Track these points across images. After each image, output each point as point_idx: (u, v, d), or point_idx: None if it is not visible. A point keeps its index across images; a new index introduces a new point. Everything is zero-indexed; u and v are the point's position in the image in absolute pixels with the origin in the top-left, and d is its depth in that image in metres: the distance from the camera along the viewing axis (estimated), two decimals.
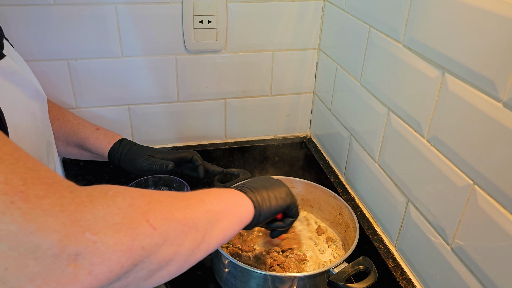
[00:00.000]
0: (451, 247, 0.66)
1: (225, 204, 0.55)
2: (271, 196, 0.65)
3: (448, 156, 0.65)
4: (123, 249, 0.36)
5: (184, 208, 0.46)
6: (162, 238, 0.41)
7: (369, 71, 0.87)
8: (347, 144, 1.01)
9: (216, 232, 0.51)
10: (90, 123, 0.91)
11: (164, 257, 0.41)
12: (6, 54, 0.54)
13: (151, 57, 1.03)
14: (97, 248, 0.34)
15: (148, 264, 0.39)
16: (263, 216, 0.63)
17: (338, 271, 0.74)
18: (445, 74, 0.64)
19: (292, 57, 1.12)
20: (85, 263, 0.33)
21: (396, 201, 0.81)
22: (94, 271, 0.34)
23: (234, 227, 0.56)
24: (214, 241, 0.51)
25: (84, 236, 0.33)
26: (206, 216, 0.50)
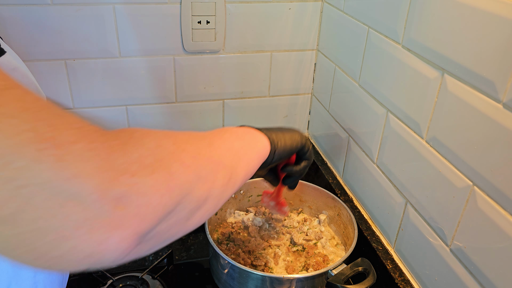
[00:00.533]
0: (450, 248, 0.66)
1: (243, 142, 0.55)
2: (286, 136, 0.66)
3: (447, 157, 0.65)
4: (162, 188, 0.35)
5: (209, 146, 0.46)
6: (196, 176, 0.40)
7: (367, 72, 0.87)
8: (345, 145, 1.01)
9: (240, 168, 0.51)
10: None
11: (200, 194, 0.41)
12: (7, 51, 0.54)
13: (149, 57, 1.02)
14: (138, 190, 0.33)
15: (187, 203, 0.39)
16: (277, 153, 0.63)
17: (336, 272, 0.74)
18: (445, 75, 0.64)
19: (290, 58, 1.12)
20: (130, 206, 0.32)
21: (395, 202, 0.81)
22: (140, 213, 0.33)
23: (254, 163, 0.57)
24: (239, 177, 0.51)
25: (123, 179, 0.32)
26: (229, 153, 0.50)
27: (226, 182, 0.46)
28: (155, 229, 0.35)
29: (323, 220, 0.96)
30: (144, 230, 0.33)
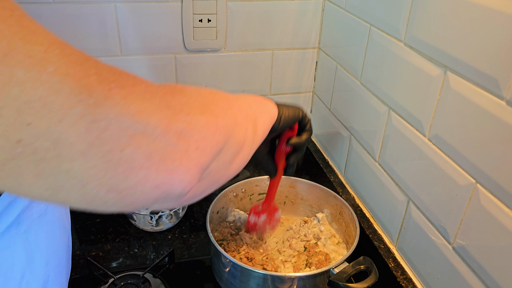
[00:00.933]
0: (453, 247, 0.66)
1: (257, 103, 0.57)
2: (289, 107, 0.69)
3: (450, 154, 0.65)
4: (212, 126, 0.38)
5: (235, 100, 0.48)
6: (233, 120, 0.43)
7: (369, 70, 0.87)
8: (347, 143, 1.01)
9: (260, 124, 0.53)
10: None
11: (239, 138, 0.44)
12: None
13: (150, 56, 1.02)
14: (195, 126, 0.36)
15: (231, 144, 0.42)
16: (283, 119, 0.66)
17: (338, 271, 0.74)
18: (447, 72, 0.64)
19: (291, 56, 1.11)
20: (191, 140, 0.35)
21: (397, 201, 0.81)
22: (200, 147, 0.36)
23: (267, 123, 0.59)
24: (260, 132, 0.53)
25: (180, 116, 0.35)
26: (250, 110, 0.52)
27: (253, 133, 0.49)
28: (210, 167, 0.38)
29: (322, 218, 0.96)
30: (204, 162, 0.37)
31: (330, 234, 0.94)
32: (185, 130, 0.35)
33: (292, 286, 0.75)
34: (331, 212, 0.96)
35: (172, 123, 0.34)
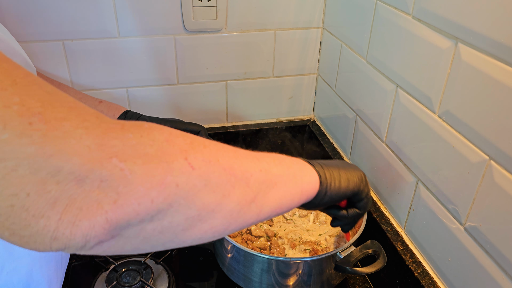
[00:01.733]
0: (465, 227, 0.63)
1: (285, 170, 0.48)
2: (342, 176, 0.57)
3: (461, 131, 0.62)
4: (153, 181, 0.32)
5: (233, 158, 0.40)
6: (202, 181, 0.35)
7: (375, 47, 0.83)
8: (352, 125, 0.97)
9: (272, 197, 0.44)
10: (92, 97, 0.88)
11: (204, 204, 0.36)
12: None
13: (149, 37, 0.99)
14: (124, 176, 0.30)
15: (185, 207, 0.34)
16: (328, 195, 0.55)
17: (345, 255, 0.71)
18: (458, 44, 0.60)
19: (294, 36, 1.08)
20: (110, 191, 0.30)
21: (405, 182, 0.78)
22: (120, 201, 0.30)
23: (293, 198, 0.49)
24: (267, 207, 0.44)
25: (110, 162, 0.30)
26: (260, 174, 0.43)
27: (246, 204, 0.41)
28: (139, 226, 0.32)
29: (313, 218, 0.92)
30: (119, 220, 0.30)
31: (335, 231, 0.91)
32: (108, 180, 0.29)
33: (297, 271, 0.73)
34: None
35: (93, 169, 0.29)
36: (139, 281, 0.81)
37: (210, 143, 0.39)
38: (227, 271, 0.81)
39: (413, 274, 0.73)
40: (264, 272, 0.74)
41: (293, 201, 0.50)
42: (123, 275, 0.83)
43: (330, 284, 0.78)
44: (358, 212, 0.63)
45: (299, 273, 0.73)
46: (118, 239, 0.32)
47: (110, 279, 0.82)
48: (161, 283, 0.84)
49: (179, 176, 0.33)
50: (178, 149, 0.34)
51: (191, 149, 0.36)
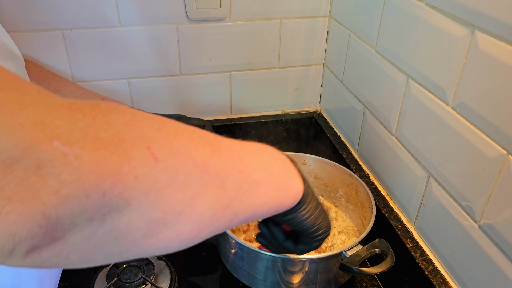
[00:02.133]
0: (479, 225, 0.60)
1: (269, 177, 0.42)
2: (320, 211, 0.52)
3: (476, 124, 0.58)
4: (106, 170, 0.26)
5: (210, 153, 0.34)
6: (167, 176, 0.29)
7: (385, 36, 0.80)
8: (360, 117, 0.94)
9: (248, 204, 0.39)
10: (94, 93, 0.86)
11: (170, 204, 0.30)
12: None
13: (151, 26, 0.96)
14: (68, 162, 0.24)
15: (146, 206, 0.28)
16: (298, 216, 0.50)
17: (351, 253, 0.68)
18: (475, 32, 0.57)
19: (301, 25, 1.04)
20: (51, 179, 0.24)
21: (416, 177, 0.75)
22: (62, 191, 0.24)
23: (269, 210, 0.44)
24: (242, 215, 0.38)
25: (50, 145, 0.24)
26: (239, 176, 0.37)
27: (220, 208, 0.35)
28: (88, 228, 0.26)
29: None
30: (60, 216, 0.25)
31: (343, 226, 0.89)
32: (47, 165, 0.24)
33: (302, 269, 0.70)
34: (346, 191, 0.91)
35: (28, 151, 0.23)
36: (140, 277, 0.79)
37: (185, 131, 0.33)
38: (231, 267, 0.78)
39: (423, 272, 0.70)
40: (268, 270, 0.71)
41: (267, 213, 0.44)
42: (124, 271, 0.81)
43: (338, 282, 0.75)
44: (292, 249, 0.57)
45: (304, 271, 0.70)
46: (60, 245, 0.26)
47: (111, 275, 0.80)
48: (163, 280, 0.82)
49: (139, 168, 0.27)
50: (141, 135, 0.28)
51: (158, 137, 0.30)
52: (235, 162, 0.37)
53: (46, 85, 0.83)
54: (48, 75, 0.86)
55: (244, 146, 0.40)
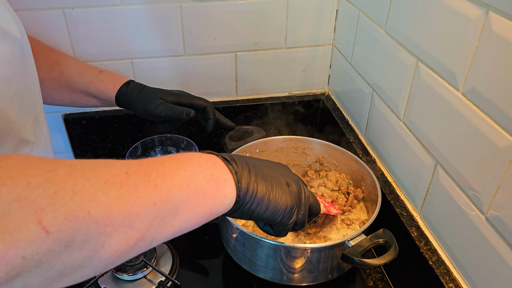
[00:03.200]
0: (486, 217, 0.58)
1: (194, 192, 0.41)
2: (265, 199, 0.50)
3: (487, 111, 0.55)
4: None
5: (115, 200, 0.34)
6: (62, 243, 0.30)
7: (396, 16, 0.76)
8: (368, 100, 0.91)
9: (169, 226, 0.39)
10: (93, 67, 0.84)
11: (67, 264, 0.31)
12: None
13: (153, 5, 0.93)
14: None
15: (40, 272, 0.30)
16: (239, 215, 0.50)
17: (354, 244, 0.67)
18: (490, 13, 0.53)
19: (309, 4, 1.00)
20: None
21: (423, 164, 0.72)
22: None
23: (199, 220, 0.43)
24: (161, 236, 0.39)
25: None
26: (153, 209, 0.37)
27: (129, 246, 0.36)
28: None
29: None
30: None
31: None
32: None
33: (304, 257, 0.69)
34: (352, 177, 0.89)
35: None
36: (141, 261, 0.79)
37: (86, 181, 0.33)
38: (232, 253, 0.77)
39: (427, 262, 0.68)
40: (270, 257, 0.70)
41: (197, 224, 0.44)
42: None
43: (341, 270, 0.74)
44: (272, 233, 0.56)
45: (306, 259, 0.69)
46: None
47: None
48: (164, 263, 0.82)
49: (27, 248, 0.29)
50: (32, 209, 0.29)
51: (51, 206, 0.30)
52: (149, 195, 0.37)
53: (45, 59, 0.82)
54: (48, 49, 0.85)
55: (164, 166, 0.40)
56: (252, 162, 0.52)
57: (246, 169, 0.49)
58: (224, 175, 0.46)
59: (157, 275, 0.79)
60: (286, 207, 0.52)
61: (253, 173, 0.50)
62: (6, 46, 0.52)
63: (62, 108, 1.03)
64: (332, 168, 0.92)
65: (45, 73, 0.81)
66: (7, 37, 0.53)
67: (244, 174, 0.48)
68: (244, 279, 0.80)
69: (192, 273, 0.82)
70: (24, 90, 0.58)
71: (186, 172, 0.41)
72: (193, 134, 1.10)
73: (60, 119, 1.04)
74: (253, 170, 0.50)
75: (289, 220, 0.53)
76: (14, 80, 0.54)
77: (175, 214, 0.39)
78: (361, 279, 0.81)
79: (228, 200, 0.46)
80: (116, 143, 1.09)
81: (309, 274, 0.72)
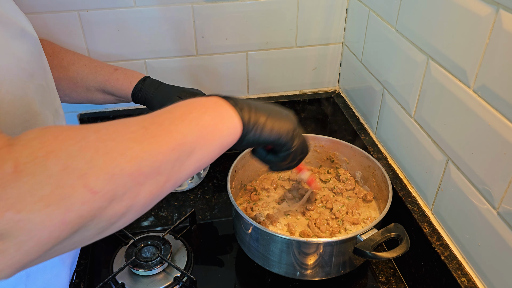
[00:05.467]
0: (498, 212, 0.58)
1: (203, 130, 0.46)
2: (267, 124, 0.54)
3: (498, 108, 0.56)
4: (54, 223, 0.33)
5: (141, 152, 0.39)
6: (107, 199, 0.36)
7: (406, 15, 0.77)
8: (379, 98, 0.92)
9: (188, 165, 0.44)
10: (108, 64, 0.86)
11: (113, 214, 0.37)
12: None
13: (166, 6, 0.95)
14: (22, 227, 0.31)
15: (94, 225, 0.36)
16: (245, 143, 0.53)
17: (366, 238, 0.68)
18: (500, 10, 0.54)
19: (319, 3, 1.02)
20: (13, 241, 0.31)
21: (434, 160, 0.73)
22: (24, 248, 0.32)
23: (213, 155, 0.48)
24: (183, 175, 0.44)
25: (5, 217, 0.31)
26: (173, 153, 0.42)
27: (158, 189, 0.41)
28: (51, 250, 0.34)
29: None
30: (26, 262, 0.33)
31: None
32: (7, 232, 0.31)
33: (317, 252, 0.70)
34: (363, 174, 0.90)
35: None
36: (158, 256, 0.80)
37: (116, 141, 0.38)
38: (246, 249, 0.79)
39: (439, 257, 0.69)
40: (283, 252, 0.71)
41: (212, 158, 0.48)
42: (142, 250, 0.82)
43: (353, 264, 0.75)
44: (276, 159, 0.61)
45: (319, 253, 0.70)
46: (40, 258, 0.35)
47: (129, 254, 0.81)
48: (179, 258, 0.84)
49: (81, 208, 0.34)
50: (77, 175, 0.34)
51: (91, 169, 0.35)
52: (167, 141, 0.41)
53: (60, 60, 0.84)
54: (62, 50, 0.87)
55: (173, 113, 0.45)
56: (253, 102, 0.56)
57: (246, 103, 0.54)
58: (226, 110, 0.50)
59: (173, 271, 0.80)
60: (288, 129, 0.57)
61: (253, 106, 0.54)
62: (25, 43, 0.55)
63: (77, 108, 1.05)
64: (343, 165, 0.94)
65: (61, 73, 0.83)
66: (25, 35, 0.55)
67: (245, 107, 0.52)
68: (258, 274, 0.81)
69: (207, 269, 0.84)
70: (45, 85, 0.60)
71: (193, 114, 0.46)
72: None
73: (76, 119, 1.06)
74: (253, 104, 0.55)
75: (292, 142, 0.58)
76: (36, 75, 0.56)
77: (191, 153, 0.44)
78: (373, 274, 0.82)
79: (234, 131, 0.50)
80: None
81: (322, 269, 0.73)
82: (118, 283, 0.78)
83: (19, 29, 0.53)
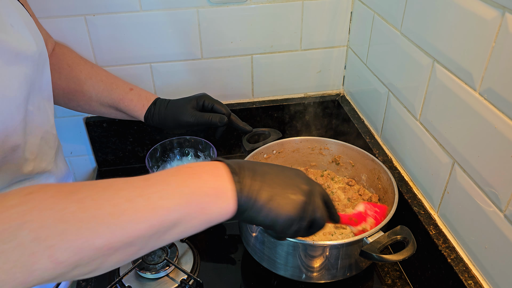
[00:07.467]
0: (505, 214, 0.59)
1: (192, 209, 0.44)
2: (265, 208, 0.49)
3: (505, 110, 0.56)
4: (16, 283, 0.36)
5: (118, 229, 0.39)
6: (70, 267, 0.38)
7: (411, 17, 0.77)
8: (384, 101, 0.92)
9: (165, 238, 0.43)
10: (124, 82, 0.88)
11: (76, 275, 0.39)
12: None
13: (172, 10, 0.96)
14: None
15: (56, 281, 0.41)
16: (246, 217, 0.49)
17: (372, 240, 0.68)
18: (506, 14, 0.54)
19: (323, 6, 1.02)
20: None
21: (440, 163, 0.73)
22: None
23: (195, 230, 0.46)
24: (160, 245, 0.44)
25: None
26: (151, 230, 0.41)
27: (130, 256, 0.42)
28: None
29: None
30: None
31: None
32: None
33: (323, 254, 0.70)
34: (368, 176, 0.90)
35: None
36: (164, 259, 0.81)
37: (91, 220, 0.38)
38: (252, 251, 0.79)
39: (446, 260, 0.69)
40: (289, 255, 0.72)
41: (196, 231, 0.46)
42: (149, 253, 0.83)
43: (359, 267, 0.75)
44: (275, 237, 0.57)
45: (325, 256, 0.71)
46: None
47: None
48: (186, 261, 0.84)
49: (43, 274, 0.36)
50: (45, 246, 0.36)
51: (60, 242, 0.37)
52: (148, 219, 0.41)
53: (78, 72, 0.85)
54: (81, 62, 0.88)
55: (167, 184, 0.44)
56: (262, 170, 0.51)
57: (251, 178, 0.49)
58: (226, 186, 0.47)
59: (179, 273, 0.81)
60: (285, 218, 0.50)
61: (258, 181, 0.49)
62: (20, 67, 0.55)
63: None
64: (349, 168, 0.94)
65: (77, 86, 0.84)
66: (19, 59, 0.55)
67: (247, 183, 0.48)
68: (264, 276, 0.81)
69: (213, 271, 0.84)
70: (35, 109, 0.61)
71: (188, 188, 0.44)
72: (211, 136, 1.12)
73: (82, 122, 1.07)
74: (259, 178, 0.50)
75: (288, 229, 0.52)
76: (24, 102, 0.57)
77: (173, 227, 0.43)
78: (379, 277, 0.82)
79: (228, 210, 0.47)
80: (135, 145, 1.11)
81: (328, 272, 0.73)
82: (124, 286, 0.78)
83: (12, 55, 0.53)
